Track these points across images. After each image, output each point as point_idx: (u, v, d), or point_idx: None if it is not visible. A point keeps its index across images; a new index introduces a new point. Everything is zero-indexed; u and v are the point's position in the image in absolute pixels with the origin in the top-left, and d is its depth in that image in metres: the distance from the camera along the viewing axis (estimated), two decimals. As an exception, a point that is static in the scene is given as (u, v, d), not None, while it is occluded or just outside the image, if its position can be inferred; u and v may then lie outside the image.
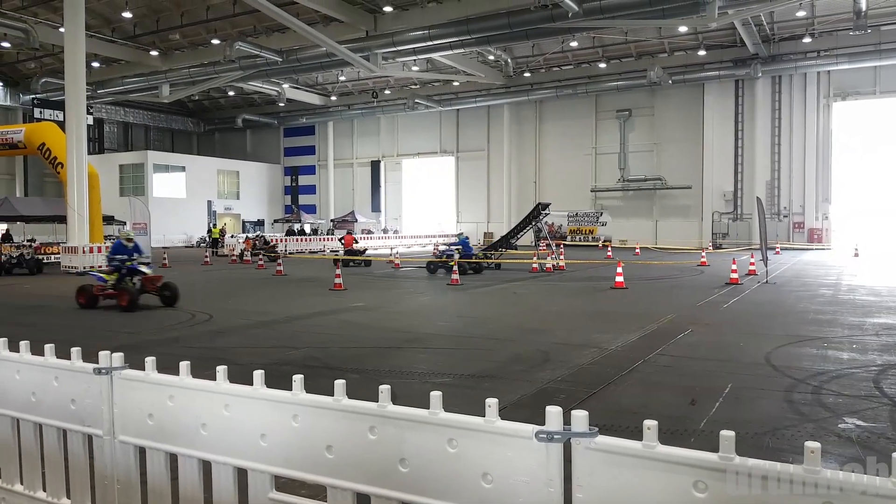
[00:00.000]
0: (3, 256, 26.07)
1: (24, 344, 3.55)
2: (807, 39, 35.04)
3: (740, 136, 39.15)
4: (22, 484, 3.56)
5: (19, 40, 35.54)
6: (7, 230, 32.44)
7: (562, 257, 23.63)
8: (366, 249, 30.05)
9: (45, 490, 3.47)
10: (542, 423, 2.16)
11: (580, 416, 2.09)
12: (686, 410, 6.06)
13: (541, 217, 24.04)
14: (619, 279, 16.61)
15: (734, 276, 17.57)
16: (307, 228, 47.28)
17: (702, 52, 37.92)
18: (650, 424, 2.00)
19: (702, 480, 1.88)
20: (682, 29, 34.33)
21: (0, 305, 14.56)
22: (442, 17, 31.28)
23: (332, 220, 49.96)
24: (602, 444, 2.06)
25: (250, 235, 39.39)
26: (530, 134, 46.60)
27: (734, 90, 39.16)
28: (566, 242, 37.73)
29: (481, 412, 2.33)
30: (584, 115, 44.29)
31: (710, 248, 34.42)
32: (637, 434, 2.07)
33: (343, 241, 28.13)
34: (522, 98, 44.48)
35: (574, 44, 38.43)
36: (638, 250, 31.74)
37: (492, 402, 2.25)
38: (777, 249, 31.63)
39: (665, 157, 41.85)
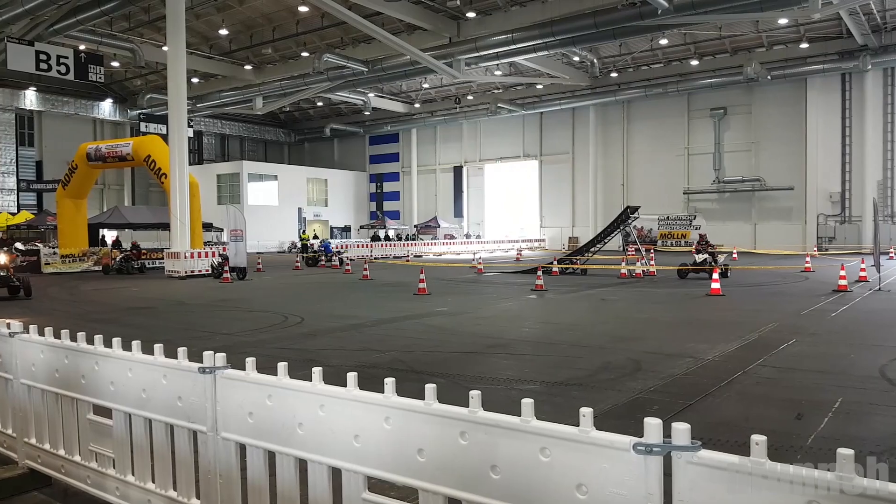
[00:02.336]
0: (113, 261, 27.96)
1: (135, 344, 3.78)
2: (921, 28, 32.66)
3: (848, 134, 36.84)
4: (133, 475, 3.77)
5: (127, 59, 38.03)
6: (117, 237, 34.71)
7: (652, 262, 22.96)
8: None
9: (153, 481, 3.66)
10: (637, 433, 2.10)
11: (682, 429, 2.01)
12: (791, 425, 5.74)
13: (629, 221, 23.43)
14: (716, 286, 15.96)
15: (842, 282, 16.47)
16: (391, 234, 48.07)
17: (804, 45, 35.97)
18: (758, 439, 1.90)
19: (816, 501, 1.76)
20: (782, 21, 32.70)
21: (111, 307, 15.56)
22: (525, 21, 31.13)
23: (415, 226, 50.60)
24: (705, 459, 1.97)
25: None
26: (617, 136, 45.59)
27: (840, 84, 36.92)
28: (657, 247, 36.62)
29: (571, 421, 2.29)
30: (676, 115, 42.92)
31: (815, 252, 32.52)
32: (738, 449, 1.98)
33: None
34: (609, 99, 43.58)
35: (664, 41, 37.32)
36: (735, 255, 30.41)
37: (586, 412, 2.20)
38: (891, 254, 29.53)
39: (764, 156, 39.94)
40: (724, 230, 39.90)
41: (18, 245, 17.37)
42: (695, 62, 39.70)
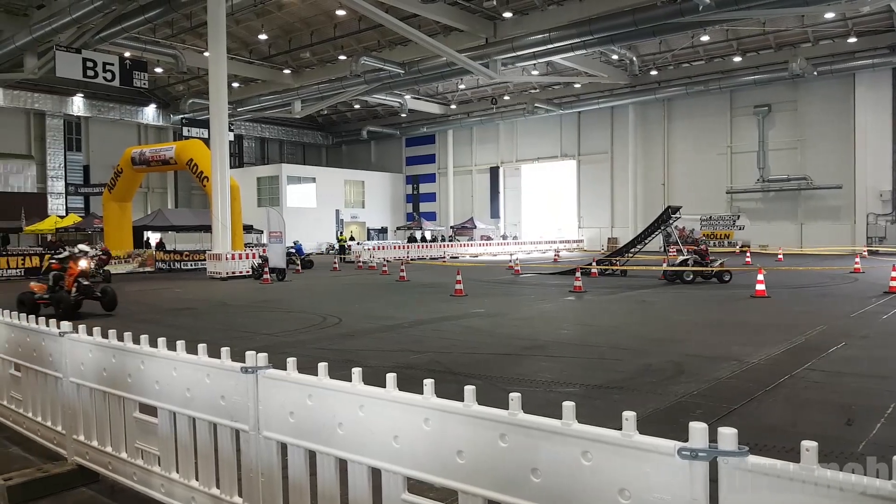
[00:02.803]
0: (158, 263, 28.65)
1: (180, 343, 3.85)
2: (976, 19, 31.43)
3: (899, 130, 35.69)
4: (178, 472, 3.85)
5: (170, 65, 38.91)
6: (161, 239, 35.54)
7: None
8: None
9: (197, 479, 3.73)
10: (679, 438, 2.07)
11: (728, 434, 1.96)
12: (842, 431, 5.57)
13: (671, 221, 23.05)
14: (761, 287, 15.58)
15: (894, 284, 15.95)
16: (428, 235, 48.19)
17: (852, 40, 34.91)
18: (809, 445, 1.84)
19: (870, 510, 1.70)
20: (829, 15, 31.80)
21: (154, 308, 15.93)
22: (563, 19, 30.88)
23: (451, 227, 50.64)
24: (753, 465, 1.92)
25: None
26: (657, 134, 44.93)
27: (891, 80, 35.81)
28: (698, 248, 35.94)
29: (612, 424, 2.27)
30: (718, 113, 42.10)
31: (865, 253, 31.53)
32: (786, 455, 1.93)
33: None
34: (649, 97, 42.97)
35: (705, 38, 36.61)
36: (781, 256, 29.70)
37: (629, 415, 2.17)
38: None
39: (810, 154, 38.91)
40: (769, 230, 39.00)
41: (83, 247, 15.66)
42: (737, 59, 38.87)
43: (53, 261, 14.47)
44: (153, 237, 35.46)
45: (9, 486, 4.33)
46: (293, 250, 28.38)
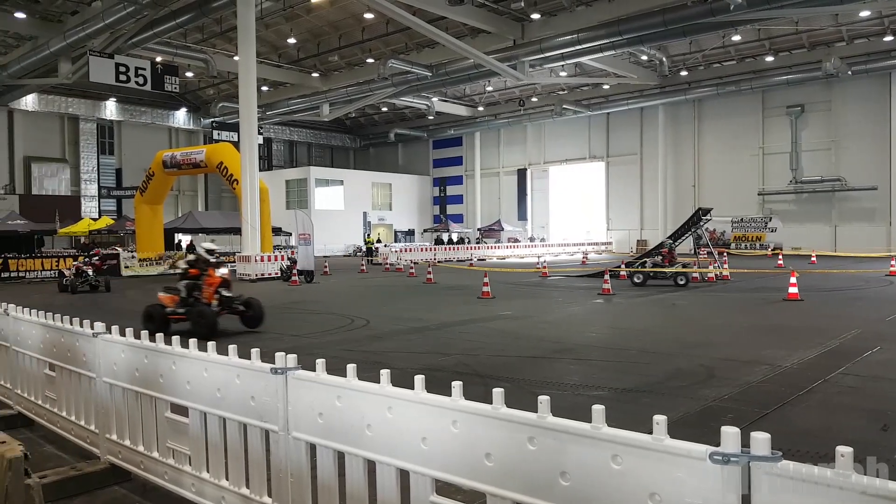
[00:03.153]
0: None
1: (210, 344, 3.90)
2: None
3: (936, 130, 34.81)
4: (208, 472, 3.89)
5: (200, 69, 39.55)
6: (191, 241, 36.06)
7: (725, 266, 22.22)
8: None
9: (227, 479, 3.77)
10: (710, 442, 2.05)
11: (761, 439, 1.94)
12: (877, 437, 5.44)
13: (701, 223, 22.74)
14: (793, 290, 15.28)
15: (931, 286, 15.56)
16: (455, 238, 48.20)
17: (888, 38, 34.11)
18: (844, 451, 1.81)
19: (908, 518, 1.66)
20: (865, 14, 31.11)
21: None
22: (591, 20, 30.67)
23: (478, 230, 50.60)
24: (786, 470, 1.89)
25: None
26: (688, 135, 44.39)
27: (928, 78, 34.96)
28: (730, 250, 35.46)
29: (641, 428, 2.25)
30: (749, 113, 41.45)
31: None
32: (819, 460, 1.89)
33: None
34: (679, 98, 42.48)
35: (737, 38, 36.09)
36: (814, 258, 29.13)
37: (660, 419, 2.15)
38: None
39: (845, 155, 38.10)
40: (802, 232, 38.25)
41: (208, 245, 12.89)
42: (770, 58, 38.23)
43: (185, 265, 12.13)
44: (184, 239, 36.01)
45: (44, 484, 4.42)
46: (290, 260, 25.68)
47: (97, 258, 23.15)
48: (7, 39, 36.21)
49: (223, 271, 11.97)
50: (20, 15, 30.66)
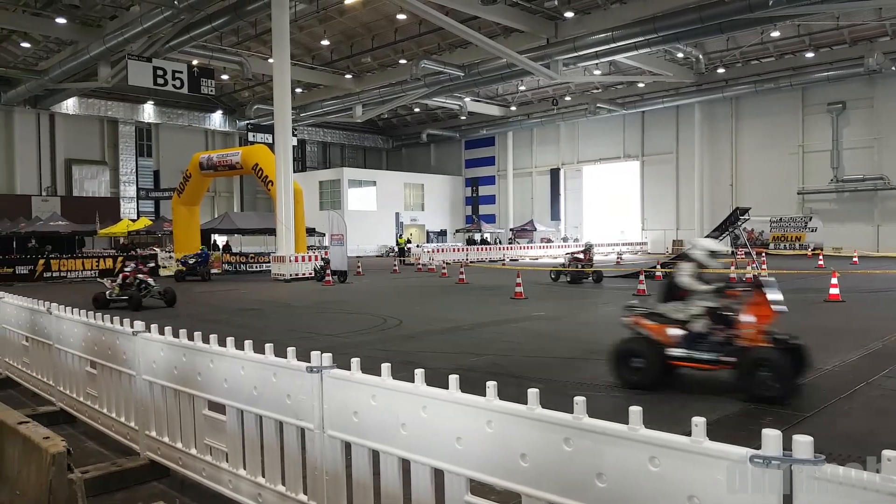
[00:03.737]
0: (224, 265, 29.55)
1: (248, 343, 3.95)
2: None
3: None
4: (245, 469, 3.94)
5: (236, 72, 40.15)
6: (227, 242, 36.62)
7: (764, 266, 21.79)
8: None
9: (263, 476, 3.81)
10: (748, 445, 2.02)
11: (804, 442, 1.90)
12: (923, 442, 5.27)
13: (739, 223, 22.34)
14: (834, 291, 14.91)
15: (979, 288, 15.04)
16: (487, 238, 48.12)
17: (933, 32, 33.15)
18: (890, 455, 1.77)
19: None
20: (908, 7, 30.26)
21: (221, 308, 16.44)
22: (626, 18, 30.33)
23: (511, 230, 50.42)
24: (830, 475, 1.85)
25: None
26: (725, 133, 43.62)
27: (975, 73, 33.81)
28: (768, 250, 34.75)
29: (677, 430, 2.21)
30: (789, 111, 40.55)
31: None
32: (862, 465, 1.84)
33: None
34: (716, 96, 41.76)
35: (775, 34, 35.32)
36: (856, 259, 28.39)
37: (699, 421, 2.12)
38: None
39: (888, 153, 37.00)
40: (843, 232, 37.29)
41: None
42: (810, 54, 37.33)
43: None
44: (220, 240, 36.58)
45: (86, 479, 4.53)
46: (196, 258, 26.36)
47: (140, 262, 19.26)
48: (48, 44, 37.22)
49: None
50: (61, 20, 31.43)
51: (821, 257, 28.76)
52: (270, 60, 28.86)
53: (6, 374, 7.96)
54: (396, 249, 41.14)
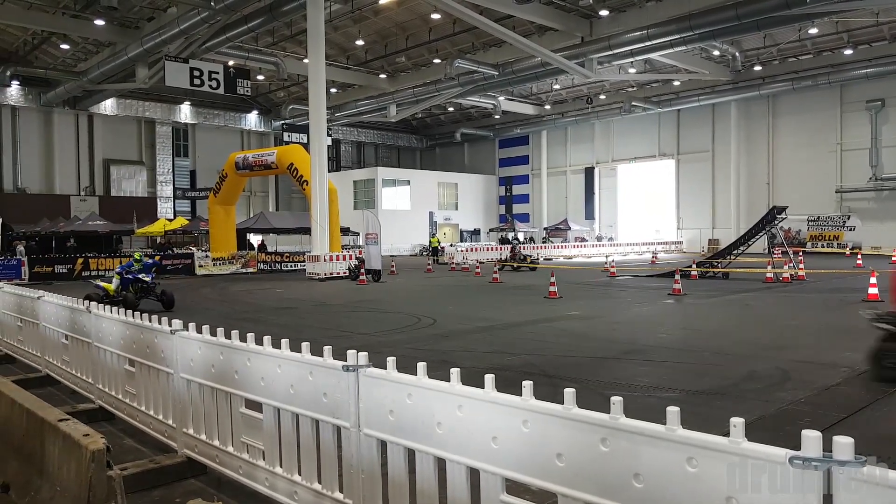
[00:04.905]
0: (259, 264, 29.96)
1: (284, 342, 4.00)
2: None
3: None
4: (281, 467, 3.99)
5: (271, 73, 40.63)
6: (262, 241, 37.10)
7: (801, 266, 21.34)
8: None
9: (300, 474, 3.86)
10: (786, 446, 2.00)
11: (845, 443, 1.88)
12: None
13: (776, 222, 21.90)
14: (873, 290, 14.54)
15: None
16: (521, 237, 47.92)
17: (977, 27, 32.02)
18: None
19: None
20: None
21: (257, 307, 16.67)
22: (661, 16, 29.93)
23: (544, 229, 50.14)
24: (872, 477, 1.83)
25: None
26: (762, 132, 42.77)
27: None
28: (805, 249, 33.99)
29: (715, 431, 2.20)
30: (827, 108, 39.60)
31: None
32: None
33: None
34: (752, 93, 40.97)
35: (813, 31, 34.52)
36: (895, 258, 27.61)
37: (737, 422, 2.10)
38: None
39: (929, 151, 35.96)
40: (882, 231, 36.32)
41: None
42: (848, 51, 36.36)
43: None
44: (255, 239, 37.08)
45: (125, 476, 4.64)
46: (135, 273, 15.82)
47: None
48: (87, 46, 38.10)
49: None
50: (99, 22, 32.01)
51: (859, 256, 28.05)
52: (305, 61, 29.14)
53: (47, 371, 8.15)
54: (430, 248, 41.22)
